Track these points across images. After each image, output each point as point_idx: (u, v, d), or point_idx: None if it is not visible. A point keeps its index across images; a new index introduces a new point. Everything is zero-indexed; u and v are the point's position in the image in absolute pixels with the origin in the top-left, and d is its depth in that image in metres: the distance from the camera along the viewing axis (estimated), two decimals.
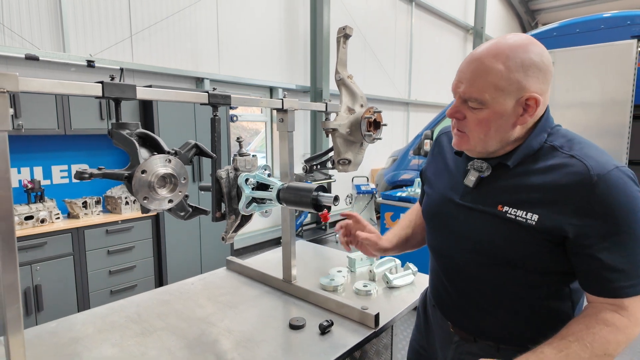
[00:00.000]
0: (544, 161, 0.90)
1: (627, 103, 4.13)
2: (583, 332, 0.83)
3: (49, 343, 1.27)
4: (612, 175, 0.83)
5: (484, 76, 0.87)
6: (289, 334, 1.33)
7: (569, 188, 0.85)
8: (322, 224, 6.58)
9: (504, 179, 0.95)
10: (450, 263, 1.08)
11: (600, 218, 0.83)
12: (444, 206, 1.07)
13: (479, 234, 0.97)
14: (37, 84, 0.89)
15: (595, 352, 0.81)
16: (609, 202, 0.82)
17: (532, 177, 0.90)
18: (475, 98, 0.89)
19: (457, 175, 1.05)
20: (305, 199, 1.13)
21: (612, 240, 0.83)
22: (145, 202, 1.01)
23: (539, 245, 0.88)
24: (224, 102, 1.25)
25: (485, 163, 0.97)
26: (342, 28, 1.58)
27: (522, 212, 0.89)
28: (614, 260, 0.83)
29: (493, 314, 1.00)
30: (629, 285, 0.83)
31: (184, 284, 1.76)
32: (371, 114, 1.53)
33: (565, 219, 0.85)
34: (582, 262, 0.87)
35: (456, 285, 1.07)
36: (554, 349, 0.82)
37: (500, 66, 0.86)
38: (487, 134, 0.92)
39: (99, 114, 3.52)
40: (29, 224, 3.11)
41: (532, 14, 14.07)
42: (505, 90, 0.87)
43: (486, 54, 0.88)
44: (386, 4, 8.07)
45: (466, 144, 0.97)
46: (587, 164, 0.85)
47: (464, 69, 0.92)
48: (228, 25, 5.19)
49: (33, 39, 3.56)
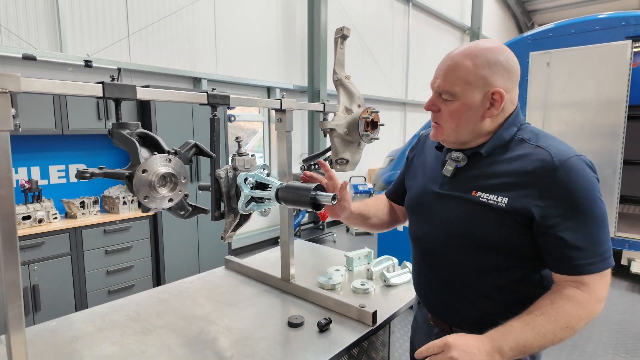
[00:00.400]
0: (513, 151, 1.01)
1: (621, 103, 4.16)
2: (548, 307, 0.91)
3: (50, 341, 1.28)
4: (571, 161, 0.93)
5: (455, 71, 1.00)
6: (288, 331, 1.35)
7: (534, 173, 0.95)
8: (320, 224, 6.60)
9: (477, 168, 1.05)
10: (431, 250, 1.15)
11: (561, 199, 0.92)
12: (424, 197, 1.16)
13: (456, 219, 1.06)
14: (39, 84, 0.90)
15: (558, 325, 0.89)
16: (568, 185, 0.92)
17: (503, 165, 1.01)
18: (447, 90, 1.01)
19: (437, 167, 1.15)
20: (304, 198, 1.14)
21: (572, 221, 0.92)
22: (146, 201, 1.02)
23: (510, 227, 0.97)
24: (223, 102, 1.26)
25: (461, 154, 1.07)
26: (339, 29, 1.59)
27: (493, 196, 0.99)
28: (574, 239, 0.92)
29: (470, 300, 1.08)
30: (588, 263, 0.92)
31: (183, 283, 1.77)
32: (369, 114, 1.54)
33: (532, 201, 0.94)
34: (547, 241, 0.95)
35: (437, 274, 1.14)
36: (522, 322, 0.91)
37: (469, 63, 0.98)
38: (458, 124, 1.03)
39: (96, 114, 3.52)
40: (27, 224, 3.11)
41: (528, 14, 14.13)
42: (473, 84, 0.98)
43: (458, 54, 1.01)
44: (383, 4, 8.10)
45: (441, 135, 1.07)
46: (550, 152, 0.95)
47: (439, 67, 1.05)
48: (225, 25, 5.19)
49: (30, 39, 3.55)
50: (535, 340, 0.89)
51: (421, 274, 1.21)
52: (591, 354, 3.05)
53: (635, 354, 3.04)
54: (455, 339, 0.88)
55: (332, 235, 6.39)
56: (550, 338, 0.89)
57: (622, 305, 3.93)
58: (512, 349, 0.88)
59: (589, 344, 3.19)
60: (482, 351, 0.87)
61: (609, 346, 3.16)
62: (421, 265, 1.21)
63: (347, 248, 4.50)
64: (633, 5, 11.63)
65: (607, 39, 4.23)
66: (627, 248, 4.37)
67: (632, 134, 4.78)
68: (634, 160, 5.71)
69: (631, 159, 5.50)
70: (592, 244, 0.93)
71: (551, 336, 0.89)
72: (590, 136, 4.38)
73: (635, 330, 3.41)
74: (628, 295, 4.16)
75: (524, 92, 4.86)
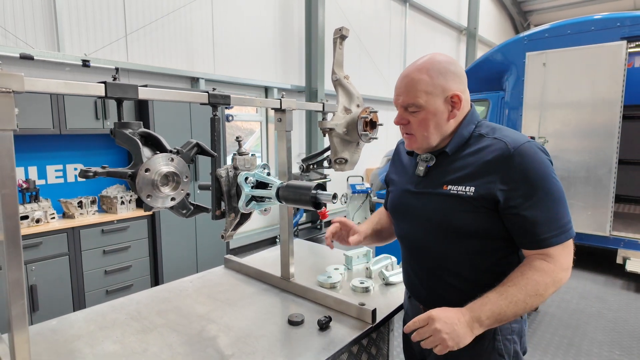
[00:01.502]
0: (473, 146, 1.13)
1: (617, 103, 4.20)
2: (518, 278, 1.02)
3: (51, 340, 1.29)
4: (524, 147, 1.05)
5: (415, 86, 1.11)
6: (288, 329, 1.36)
7: (493, 161, 1.06)
8: (318, 223, 6.61)
9: (445, 165, 1.17)
10: (417, 246, 1.25)
11: (519, 182, 1.03)
12: (403, 197, 1.27)
13: (433, 213, 1.16)
14: (43, 84, 0.91)
15: (528, 293, 1.00)
16: (524, 168, 1.03)
17: (466, 159, 1.12)
18: (412, 103, 1.12)
19: (411, 170, 1.27)
20: (304, 197, 1.15)
21: (532, 200, 1.02)
22: (149, 200, 1.03)
23: (480, 213, 1.07)
24: (223, 102, 1.27)
25: (429, 155, 1.20)
26: (338, 29, 1.60)
27: (462, 187, 1.10)
28: (536, 216, 1.02)
29: (456, 285, 1.16)
30: (551, 236, 1.03)
31: (183, 282, 1.78)
32: (367, 113, 1.56)
33: (494, 186, 1.05)
34: (512, 221, 1.05)
35: (424, 267, 1.23)
36: (497, 293, 1.01)
37: (425, 76, 1.10)
38: (428, 130, 1.14)
39: (94, 114, 3.51)
40: (24, 224, 3.10)
41: (525, 15, 14.20)
42: (433, 93, 1.10)
43: (413, 70, 1.13)
44: (380, 4, 8.12)
45: (415, 143, 1.18)
46: (505, 141, 1.07)
47: (399, 85, 1.16)
48: (223, 25, 5.19)
49: (27, 38, 3.54)
50: (508, 308, 0.99)
51: (410, 269, 1.30)
52: (587, 352, 3.08)
53: (630, 352, 3.07)
54: (437, 312, 1.00)
55: None
56: (522, 306, 1.00)
57: (617, 303, 3.97)
58: (489, 317, 0.99)
59: (585, 342, 3.22)
60: (462, 321, 0.99)
61: (604, 344, 3.19)
62: (409, 261, 1.30)
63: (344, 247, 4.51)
64: (628, 6, 11.72)
65: (602, 39, 4.27)
66: (622, 247, 4.40)
67: (627, 134, 4.82)
68: (629, 160, 5.76)
69: (626, 159, 5.55)
70: (552, 219, 1.03)
71: (522, 304, 1.00)
72: (586, 136, 4.42)
73: (630, 328, 3.45)
74: (623, 294, 4.20)
75: (520, 92, 4.89)
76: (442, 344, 0.97)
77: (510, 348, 1.15)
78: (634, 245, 4.34)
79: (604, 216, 4.34)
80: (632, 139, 5.63)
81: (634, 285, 4.41)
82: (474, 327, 0.99)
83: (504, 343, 1.15)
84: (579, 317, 3.65)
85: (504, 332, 1.14)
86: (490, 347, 1.13)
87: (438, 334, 0.97)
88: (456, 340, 0.97)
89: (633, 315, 3.69)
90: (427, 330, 0.98)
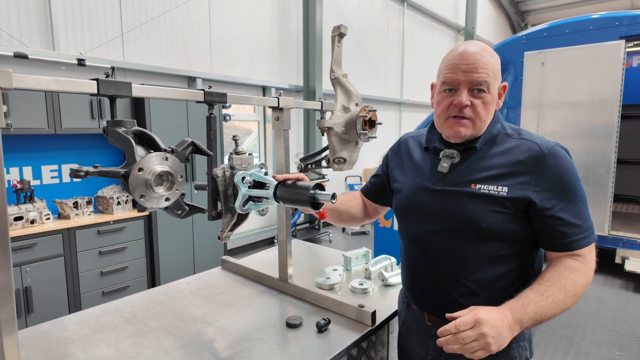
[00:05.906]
0: (501, 145, 1.09)
1: (615, 103, 4.19)
2: (556, 277, 0.99)
3: (43, 344, 1.26)
4: (556, 149, 1.04)
5: (487, 66, 1.04)
6: (286, 332, 1.33)
7: (526, 162, 1.03)
8: (316, 224, 6.58)
9: (471, 163, 1.11)
10: (431, 246, 1.15)
11: (554, 183, 1.01)
12: (419, 195, 1.18)
13: (456, 212, 1.09)
14: (32, 80, 0.88)
15: (567, 294, 0.96)
16: (558, 170, 1.02)
17: (495, 158, 1.08)
18: (485, 81, 1.03)
19: (427, 167, 1.19)
20: (302, 197, 1.12)
21: (565, 202, 1.01)
22: (142, 201, 1.00)
23: (510, 214, 1.03)
24: (220, 100, 1.24)
25: (454, 151, 1.13)
26: (336, 27, 1.58)
27: (493, 187, 1.04)
28: (570, 217, 1.01)
29: (473, 291, 1.09)
30: (583, 237, 1.02)
31: (179, 284, 1.75)
32: (366, 112, 1.53)
33: (528, 187, 1.02)
34: (545, 223, 1.02)
35: (439, 270, 1.14)
36: (536, 293, 0.96)
37: (491, 58, 1.05)
38: (488, 115, 1.08)
39: (89, 114, 3.48)
40: (19, 224, 3.06)
41: (522, 15, 14.22)
42: (497, 77, 1.07)
43: (479, 51, 1.05)
44: (378, 4, 8.10)
45: (470, 129, 1.08)
46: (536, 142, 1.06)
47: (466, 61, 1.03)
48: (220, 24, 5.16)
49: (22, 37, 3.50)
50: (549, 309, 0.94)
51: (419, 273, 1.21)
52: (586, 352, 3.07)
53: (629, 352, 3.06)
54: (484, 314, 0.90)
55: (328, 235, 6.38)
56: (560, 307, 0.96)
57: (616, 303, 3.96)
58: (531, 319, 0.94)
59: (584, 342, 3.21)
60: (506, 324, 0.91)
61: (604, 344, 3.18)
62: (420, 264, 1.20)
63: (343, 248, 4.49)
64: (626, 6, 11.74)
65: (600, 39, 4.25)
66: (621, 246, 4.40)
67: (625, 134, 4.81)
68: (627, 160, 5.76)
69: (625, 158, 5.54)
70: (584, 220, 1.03)
71: (561, 305, 0.96)
72: (584, 135, 4.40)
73: (629, 328, 3.44)
74: (622, 293, 4.20)
75: (518, 92, 4.88)
76: (485, 348, 0.87)
77: (522, 355, 1.11)
78: (632, 244, 4.33)
79: (603, 216, 4.33)
80: (631, 138, 5.63)
81: (633, 284, 4.41)
82: (515, 330, 0.92)
83: (517, 350, 1.10)
84: (578, 317, 3.64)
85: (517, 339, 1.08)
86: (505, 355, 1.07)
87: (483, 339, 0.86)
88: (500, 345, 0.88)
89: (632, 315, 3.68)
90: (471, 335, 0.87)
